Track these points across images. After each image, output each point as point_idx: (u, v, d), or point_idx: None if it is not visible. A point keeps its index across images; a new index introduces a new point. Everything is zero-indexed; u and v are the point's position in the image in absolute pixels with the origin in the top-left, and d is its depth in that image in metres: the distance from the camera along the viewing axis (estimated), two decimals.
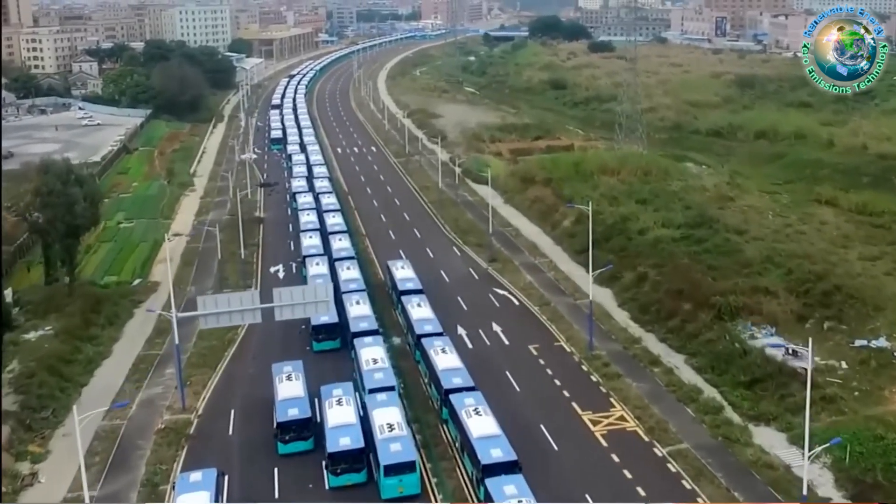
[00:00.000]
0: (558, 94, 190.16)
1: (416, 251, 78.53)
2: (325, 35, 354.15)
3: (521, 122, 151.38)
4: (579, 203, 78.26)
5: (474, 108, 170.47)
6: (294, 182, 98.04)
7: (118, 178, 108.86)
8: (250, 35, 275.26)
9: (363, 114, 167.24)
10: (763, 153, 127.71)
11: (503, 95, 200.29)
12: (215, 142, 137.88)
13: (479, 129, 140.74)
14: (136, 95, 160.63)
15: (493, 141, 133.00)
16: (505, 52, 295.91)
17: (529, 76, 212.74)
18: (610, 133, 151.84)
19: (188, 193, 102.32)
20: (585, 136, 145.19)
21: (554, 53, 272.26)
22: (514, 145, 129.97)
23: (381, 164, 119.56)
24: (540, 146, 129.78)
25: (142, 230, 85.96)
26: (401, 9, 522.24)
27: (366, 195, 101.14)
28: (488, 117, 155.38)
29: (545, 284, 69.40)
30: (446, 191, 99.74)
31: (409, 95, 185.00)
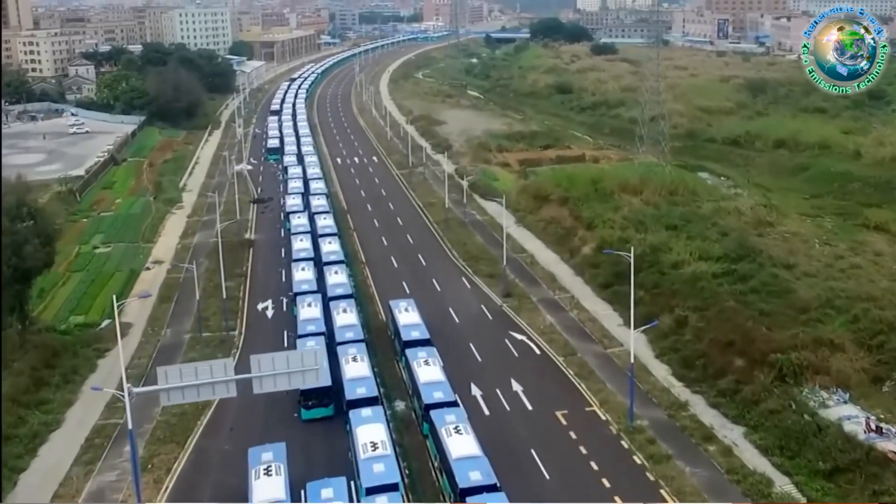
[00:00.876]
0: (564, 98, 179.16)
1: (422, 283, 68.01)
2: (328, 37, 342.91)
3: (529, 129, 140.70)
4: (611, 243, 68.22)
5: (479, 113, 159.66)
6: (288, 200, 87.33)
7: (102, 193, 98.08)
8: (252, 37, 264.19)
9: (365, 119, 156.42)
10: (785, 164, 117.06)
11: (508, 100, 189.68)
12: (210, 151, 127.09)
13: (486, 138, 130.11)
14: (131, 101, 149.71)
15: (501, 150, 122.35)
16: (507, 55, 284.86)
17: (534, 80, 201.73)
18: (620, 140, 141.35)
19: (175, 211, 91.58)
20: (595, 144, 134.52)
21: (557, 56, 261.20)
22: (523, 155, 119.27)
23: (383, 176, 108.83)
24: (549, 156, 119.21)
25: (119, 256, 75.27)
26: (402, 10, 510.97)
27: (366, 213, 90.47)
28: (494, 124, 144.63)
29: (569, 327, 58.77)
30: (453, 209, 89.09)
31: (412, 100, 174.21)
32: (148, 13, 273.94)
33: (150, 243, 79.45)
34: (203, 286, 67.07)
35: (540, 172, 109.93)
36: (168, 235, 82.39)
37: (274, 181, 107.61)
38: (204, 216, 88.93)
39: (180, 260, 74.64)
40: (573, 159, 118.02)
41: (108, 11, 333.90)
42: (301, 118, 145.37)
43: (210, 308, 62.55)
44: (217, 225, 76.56)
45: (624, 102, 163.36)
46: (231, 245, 76.96)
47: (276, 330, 59.60)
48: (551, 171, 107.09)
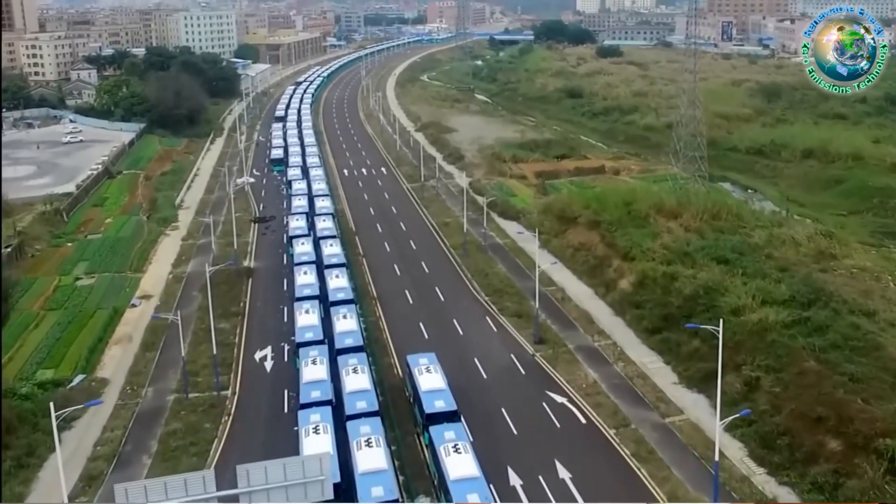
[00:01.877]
0: (575, 103, 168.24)
1: (442, 325, 57.60)
2: (333, 39, 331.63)
3: (543, 137, 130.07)
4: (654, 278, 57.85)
5: (490, 120, 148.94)
6: (292, 222, 76.69)
7: (91, 211, 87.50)
8: (257, 40, 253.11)
9: (372, 126, 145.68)
10: (816, 176, 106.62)
11: (516, 104, 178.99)
12: (211, 162, 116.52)
13: (499, 147, 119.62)
14: (131, 107, 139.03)
15: (516, 161, 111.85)
16: (513, 57, 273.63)
17: (543, 83, 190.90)
18: (635, 148, 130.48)
19: (169, 232, 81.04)
20: (613, 153, 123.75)
21: (562, 58, 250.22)
22: (539, 167, 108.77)
23: (393, 191, 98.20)
24: (567, 167, 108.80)
25: (103, 290, 64.73)
26: (407, 13, 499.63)
27: (376, 235, 79.95)
28: (506, 131, 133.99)
29: (616, 386, 48.34)
30: (471, 230, 78.58)
31: (419, 105, 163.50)
32: (154, 16, 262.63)
33: (139, 273, 68.90)
34: (194, 329, 56.89)
35: (559, 186, 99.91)
36: (159, 262, 71.83)
37: (278, 195, 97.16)
38: (200, 238, 78.48)
39: (171, 294, 64.34)
40: (592, 171, 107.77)
41: (116, 14, 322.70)
42: (307, 125, 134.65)
43: (200, 358, 52.10)
44: (211, 256, 67.14)
45: (637, 108, 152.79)
46: (227, 276, 66.79)
47: (275, 388, 49.19)
48: (575, 188, 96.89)
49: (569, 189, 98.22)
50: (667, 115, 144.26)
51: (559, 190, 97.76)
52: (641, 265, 61.32)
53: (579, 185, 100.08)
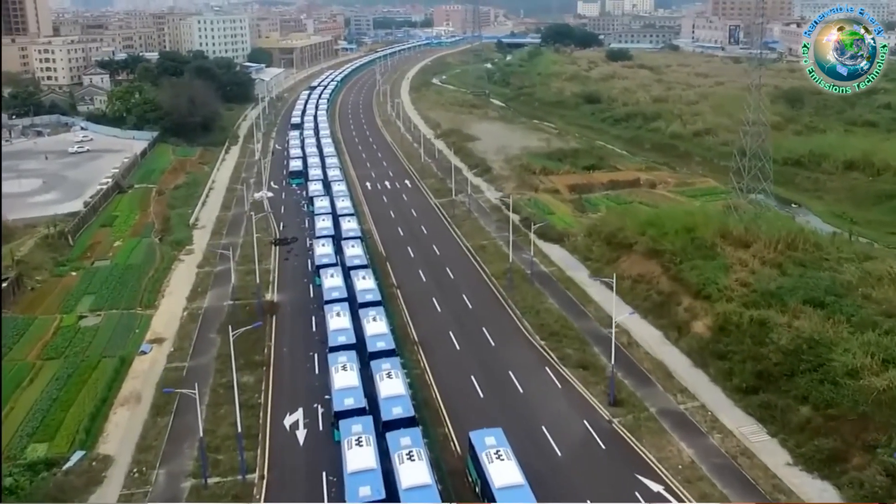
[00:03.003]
0: (593, 108, 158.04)
1: (498, 380, 47.62)
2: (345, 42, 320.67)
3: (569, 146, 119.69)
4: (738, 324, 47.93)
5: (511, 127, 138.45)
6: (318, 248, 66.42)
7: (99, 233, 77.32)
8: (270, 44, 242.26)
9: (390, 133, 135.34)
10: (863, 190, 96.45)
11: (533, 109, 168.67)
12: (226, 173, 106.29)
13: (526, 157, 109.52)
14: (144, 114, 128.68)
15: (546, 173, 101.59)
16: (523, 60, 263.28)
17: (559, 88, 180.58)
18: (662, 157, 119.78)
19: (183, 258, 70.92)
20: (642, 164, 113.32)
21: (573, 62, 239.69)
22: (572, 179, 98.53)
23: (421, 207, 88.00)
24: (601, 180, 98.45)
25: (110, 331, 54.69)
26: (414, 16, 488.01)
27: (409, 262, 69.78)
28: (530, 140, 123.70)
29: (719, 468, 38.42)
30: (511, 255, 68.75)
31: (437, 111, 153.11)
32: (167, 20, 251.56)
33: (150, 309, 58.81)
34: (212, 385, 46.97)
35: (594, 201, 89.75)
36: (173, 296, 61.72)
37: (297, 211, 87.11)
38: (217, 265, 68.38)
39: (186, 336, 54.27)
40: (627, 184, 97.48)
41: (130, 18, 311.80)
42: (324, 133, 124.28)
43: (221, 426, 42.24)
44: (230, 287, 57.10)
45: (660, 115, 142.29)
46: (249, 312, 56.89)
47: (311, 469, 39.20)
48: (612, 203, 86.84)
49: (606, 205, 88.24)
50: (693, 122, 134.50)
51: (596, 206, 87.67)
52: (721, 307, 51.27)
53: (615, 200, 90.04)
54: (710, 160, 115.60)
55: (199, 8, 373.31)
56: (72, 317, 56.51)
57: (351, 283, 58.38)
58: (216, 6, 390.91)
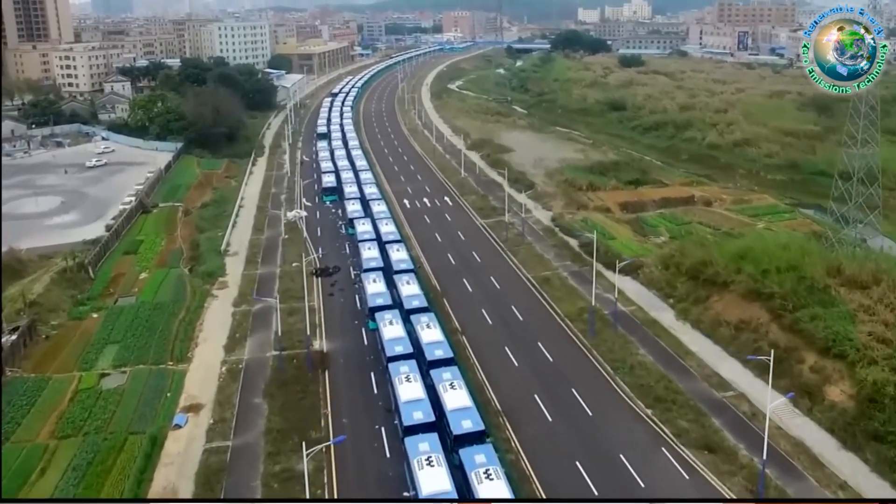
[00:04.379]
0: (620, 116, 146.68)
1: (607, 466, 36.87)
2: (360, 48, 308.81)
3: (608, 158, 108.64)
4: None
5: (542, 137, 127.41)
6: (368, 285, 55.31)
7: (123, 262, 66.28)
8: (289, 50, 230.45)
9: (419, 143, 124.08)
10: None
11: (556, 116, 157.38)
12: (255, 188, 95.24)
13: (567, 170, 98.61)
14: (167, 124, 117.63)
15: (592, 189, 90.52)
16: (536, 66, 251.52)
17: (581, 95, 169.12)
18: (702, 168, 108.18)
19: (216, 293, 59.98)
20: (686, 176, 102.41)
21: (585, 67, 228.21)
22: (622, 197, 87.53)
23: (468, 229, 76.93)
24: (652, 197, 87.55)
25: (136, 395, 43.85)
26: (423, 22, 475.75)
27: (468, 299, 58.76)
28: (566, 151, 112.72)
29: None
30: (579, 289, 58.10)
31: (463, 119, 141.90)
32: (187, 26, 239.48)
33: (183, 363, 47.93)
34: (263, 476, 36.17)
35: (651, 221, 78.88)
36: (208, 344, 50.84)
37: (335, 233, 76.20)
38: (255, 303, 57.47)
39: (226, 402, 43.52)
40: (681, 201, 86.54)
41: (150, 24, 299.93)
42: (354, 144, 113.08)
43: None
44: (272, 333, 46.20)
45: (691, 123, 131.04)
46: (297, 366, 46.10)
47: None
48: (669, 223, 76.02)
49: (663, 225, 77.46)
50: (730, 132, 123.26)
51: (655, 228, 76.86)
52: (865, 372, 40.42)
53: (672, 220, 79.24)
54: (756, 173, 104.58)
55: (215, 14, 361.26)
56: (92, 375, 45.63)
57: (414, 333, 47.51)
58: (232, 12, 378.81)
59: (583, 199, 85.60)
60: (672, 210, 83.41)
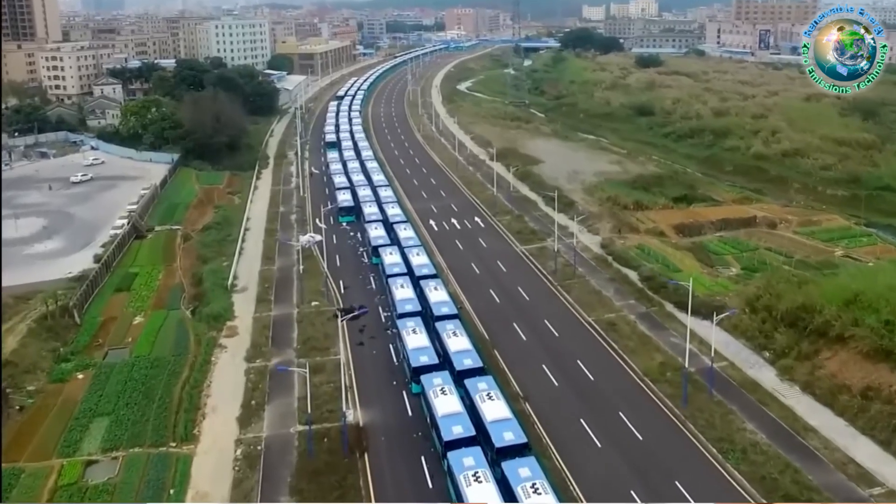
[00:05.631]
0: (649, 122, 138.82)
1: None
2: (362, 47, 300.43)
3: (647, 171, 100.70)
4: None
5: (570, 146, 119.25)
6: (408, 337, 46.88)
7: (114, 301, 57.75)
8: (289, 49, 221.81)
9: (436, 152, 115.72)
10: None
11: (578, 121, 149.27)
12: (262, 205, 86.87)
13: (606, 185, 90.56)
14: (162, 132, 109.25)
15: (640, 207, 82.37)
16: (547, 66, 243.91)
17: (603, 98, 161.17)
18: (754, 183, 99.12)
19: (224, 342, 51.53)
20: (736, 191, 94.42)
21: (601, 67, 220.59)
22: (675, 217, 79.40)
23: (508, 258, 68.38)
24: (709, 217, 79.44)
25: (130, 491, 35.54)
26: (425, 20, 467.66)
27: (525, 352, 50.31)
28: (599, 162, 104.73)
29: None
30: (653, 338, 49.97)
31: (481, 125, 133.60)
32: (182, 25, 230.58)
33: (188, 444, 39.52)
34: None
35: (712, 246, 70.72)
36: (218, 415, 42.41)
37: (356, 263, 67.85)
38: (271, 356, 49.13)
39: (243, 496, 35.05)
40: (741, 223, 78.39)
41: (143, 21, 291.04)
42: (367, 156, 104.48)
43: None
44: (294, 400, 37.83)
45: (729, 130, 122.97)
46: (331, 450, 37.77)
47: None
48: (730, 248, 67.88)
49: (728, 252, 69.49)
50: (776, 140, 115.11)
51: (719, 255, 68.74)
52: None
53: (736, 245, 71.31)
54: (813, 188, 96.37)
55: (209, 12, 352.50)
56: (76, 464, 37.21)
57: (472, 405, 39.20)
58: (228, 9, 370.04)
59: (631, 221, 77.41)
60: (734, 233, 75.32)
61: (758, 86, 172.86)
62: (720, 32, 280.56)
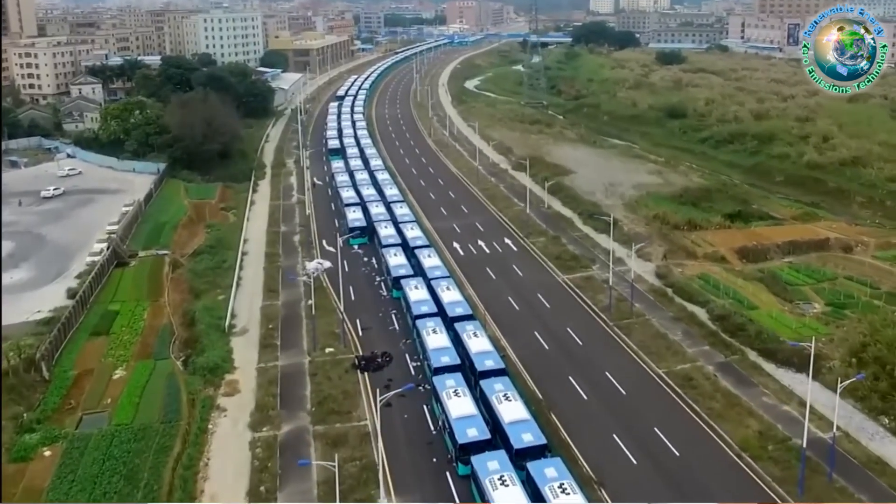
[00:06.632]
0: (682, 125, 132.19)
1: None
2: (360, 43, 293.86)
3: (693, 182, 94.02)
4: None
5: (601, 153, 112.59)
6: (450, 402, 40.17)
7: (90, 348, 50.71)
8: (283, 45, 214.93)
9: (451, 160, 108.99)
10: None
11: (601, 124, 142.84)
12: (260, 223, 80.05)
13: (648, 199, 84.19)
14: (146, 138, 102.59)
15: (692, 227, 75.63)
16: (560, 63, 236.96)
17: (628, 98, 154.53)
18: (811, 196, 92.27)
19: (224, 404, 44.62)
20: (793, 205, 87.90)
21: (619, 64, 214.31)
22: (735, 239, 72.77)
23: (551, 291, 61.40)
24: (774, 239, 72.70)
25: None
26: (425, 13, 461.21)
27: (586, 414, 43.60)
28: (636, 172, 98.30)
29: None
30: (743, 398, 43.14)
31: (498, 129, 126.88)
32: (167, 18, 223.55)
33: None
34: None
35: (784, 275, 64.02)
36: None
37: (373, 294, 61.14)
38: (281, 423, 42.32)
39: None
40: (812, 245, 71.61)
41: (125, 14, 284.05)
42: (376, 165, 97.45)
43: None
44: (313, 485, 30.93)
45: (775, 135, 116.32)
46: None
47: None
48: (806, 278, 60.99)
49: (802, 280, 62.91)
50: (831, 147, 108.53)
51: (795, 286, 62.11)
52: None
53: (811, 274, 64.83)
54: (880, 202, 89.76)
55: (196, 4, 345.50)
56: None
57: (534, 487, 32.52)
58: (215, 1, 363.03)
59: (686, 244, 70.69)
60: (804, 258, 68.68)
61: (794, 84, 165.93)
62: (744, 26, 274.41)
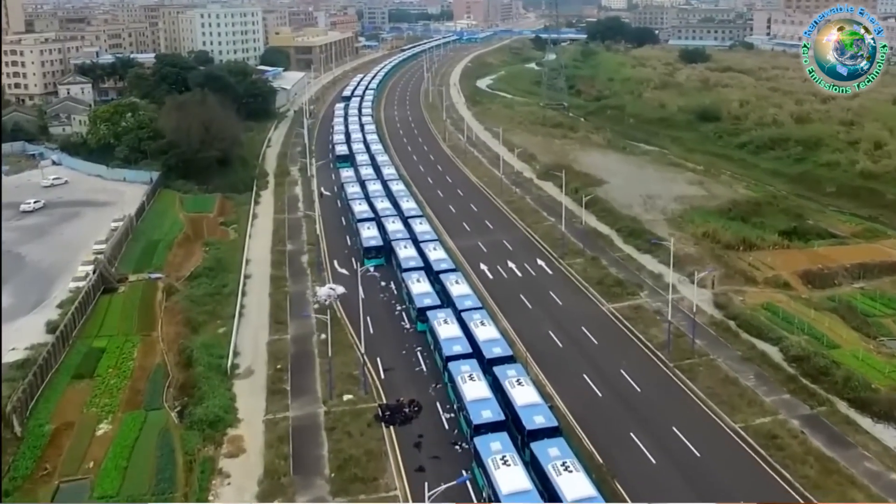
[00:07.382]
0: (716, 129, 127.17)
1: None
2: (364, 39, 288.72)
3: (740, 194, 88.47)
4: None
5: (635, 161, 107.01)
6: (497, 472, 34.61)
7: (71, 396, 45.04)
8: (284, 42, 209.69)
9: (470, 168, 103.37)
10: None
11: (627, 127, 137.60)
12: (264, 241, 74.55)
13: (694, 214, 78.59)
14: (138, 143, 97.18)
15: (749, 247, 69.92)
16: (577, 61, 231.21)
17: (656, 100, 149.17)
18: (868, 209, 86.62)
19: (226, 467, 39.06)
20: (853, 220, 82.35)
21: (640, 63, 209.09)
22: (798, 261, 67.45)
23: (596, 324, 55.69)
24: (842, 262, 66.79)
25: None
26: (430, 8, 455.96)
27: (656, 485, 37.97)
28: (676, 182, 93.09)
29: None
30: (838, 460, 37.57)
31: (518, 134, 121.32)
32: (161, 13, 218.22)
33: None
34: None
35: (859, 305, 58.34)
36: None
37: (393, 326, 55.73)
38: (295, 494, 36.72)
39: None
40: (885, 268, 66.02)
41: (117, 9, 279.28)
42: (389, 174, 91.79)
43: None
44: None
45: (821, 141, 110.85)
46: None
47: None
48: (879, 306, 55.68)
49: (875, 308, 57.51)
50: (886, 155, 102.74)
51: (872, 317, 56.54)
52: None
53: (886, 301, 59.13)
54: None
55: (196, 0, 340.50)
56: None
57: None
58: None
59: (743, 267, 64.98)
60: (876, 284, 63.02)
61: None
62: (770, 23, 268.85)
